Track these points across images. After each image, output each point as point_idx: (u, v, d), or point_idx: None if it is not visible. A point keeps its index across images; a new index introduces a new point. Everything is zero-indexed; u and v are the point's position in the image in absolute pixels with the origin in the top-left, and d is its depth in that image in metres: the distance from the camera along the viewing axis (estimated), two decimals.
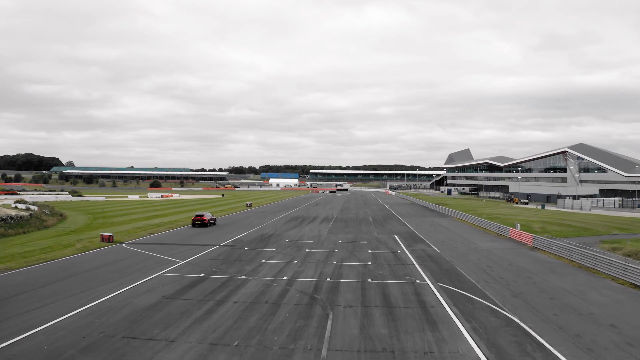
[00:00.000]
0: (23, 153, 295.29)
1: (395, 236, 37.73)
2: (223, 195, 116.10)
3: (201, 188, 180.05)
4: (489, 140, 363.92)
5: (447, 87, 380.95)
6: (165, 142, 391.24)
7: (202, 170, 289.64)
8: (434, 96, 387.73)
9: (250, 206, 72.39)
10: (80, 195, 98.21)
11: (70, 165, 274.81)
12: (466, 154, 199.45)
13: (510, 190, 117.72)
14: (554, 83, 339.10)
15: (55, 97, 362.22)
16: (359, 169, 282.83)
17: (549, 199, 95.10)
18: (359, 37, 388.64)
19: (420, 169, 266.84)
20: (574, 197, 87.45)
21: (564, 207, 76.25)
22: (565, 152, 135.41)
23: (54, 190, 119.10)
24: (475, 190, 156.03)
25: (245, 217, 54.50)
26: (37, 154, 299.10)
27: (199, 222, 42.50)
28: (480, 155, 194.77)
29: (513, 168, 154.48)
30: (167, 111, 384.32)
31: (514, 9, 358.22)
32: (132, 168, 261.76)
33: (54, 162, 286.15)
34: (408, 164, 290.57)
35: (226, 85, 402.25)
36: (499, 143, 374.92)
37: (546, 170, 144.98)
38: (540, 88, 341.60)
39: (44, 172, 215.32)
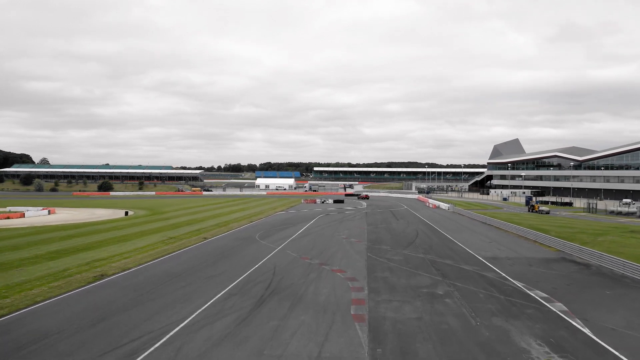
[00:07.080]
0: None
1: None
2: (127, 213, 67.48)
3: (154, 193, 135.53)
4: (498, 137, 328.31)
5: (458, 82, 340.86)
6: (171, 140, 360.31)
7: (200, 168, 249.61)
8: (443, 92, 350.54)
9: None
10: None
11: (45, 163, 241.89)
12: (515, 145, 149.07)
13: None
14: (569, 77, 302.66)
15: (56, 95, 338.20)
16: (371, 167, 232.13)
17: None
18: (365, 29, 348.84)
19: (437, 166, 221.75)
20: None
21: None
22: None
23: None
24: (543, 194, 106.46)
25: None
26: (6, 150, 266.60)
27: None
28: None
29: (598, 163, 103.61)
30: (171, 109, 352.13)
31: None
32: (107, 166, 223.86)
33: (23, 159, 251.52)
34: (422, 162, 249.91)
35: (229, 81, 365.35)
36: (508, 140, 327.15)
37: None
38: (553, 82, 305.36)
39: None
